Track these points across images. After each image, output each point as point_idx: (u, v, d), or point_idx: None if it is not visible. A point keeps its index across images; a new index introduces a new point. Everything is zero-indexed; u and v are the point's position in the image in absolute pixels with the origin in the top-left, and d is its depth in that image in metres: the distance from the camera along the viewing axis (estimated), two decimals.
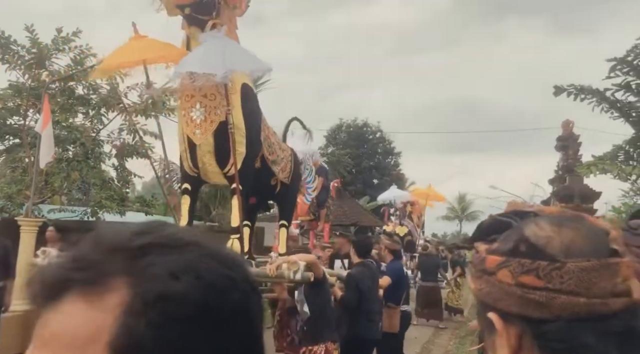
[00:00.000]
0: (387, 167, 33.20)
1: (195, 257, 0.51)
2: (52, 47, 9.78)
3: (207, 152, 4.79)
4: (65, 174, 9.49)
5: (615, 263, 0.69)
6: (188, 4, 4.44)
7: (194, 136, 4.75)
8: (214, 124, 4.70)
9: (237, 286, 0.52)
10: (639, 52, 10.37)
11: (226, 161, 4.81)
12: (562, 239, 0.71)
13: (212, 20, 4.61)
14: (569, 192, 13.27)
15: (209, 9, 4.59)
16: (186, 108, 4.78)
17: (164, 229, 0.54)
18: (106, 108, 10.40)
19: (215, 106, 4.72)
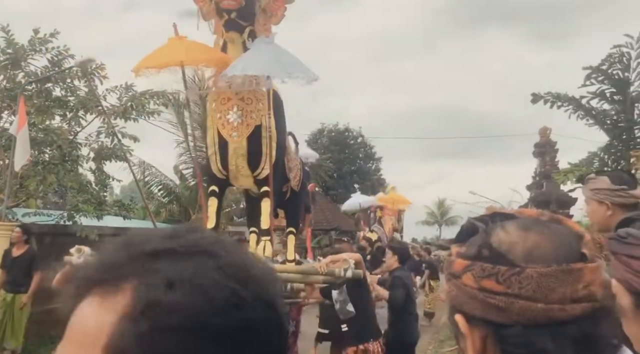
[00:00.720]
0: (368, 172, 33.34)
1: (201, 268, 0.49)
2: (28, 48, 9.62)
3: (240, 156, 4.85)
4: (41, 177, 9.31)
5: (578, 269, 0.69)
6: (235, 9, 4.55)
7: (231, 138, 4.82)
8: (250, 127, 4.78)
9: (244, 302, 0.48)
10: (613, 61, 10.61)
11: (257, 165, 4.89)
12: (525, 244, 0.71)
13: (249, 27, 4.74)
14: (546, 198, 13.48)
15: (250, 15, 4.74)
16: (222, 111, 4.84)
17: (189, 235, 0.53)
18: (84, 110, 10.24)
19: (251, 110, 4.80)
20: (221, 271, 0.49)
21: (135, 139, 10.69)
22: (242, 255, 0.53)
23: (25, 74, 9.84)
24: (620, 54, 10.51)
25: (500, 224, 0.75)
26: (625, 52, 10.53)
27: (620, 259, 1.00)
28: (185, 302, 0.46)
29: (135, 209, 13.96)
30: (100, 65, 10.11)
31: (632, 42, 10.40)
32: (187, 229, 0.54)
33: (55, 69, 9.96)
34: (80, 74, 9.93)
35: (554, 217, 0.78)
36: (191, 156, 16.70)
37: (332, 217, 21.08)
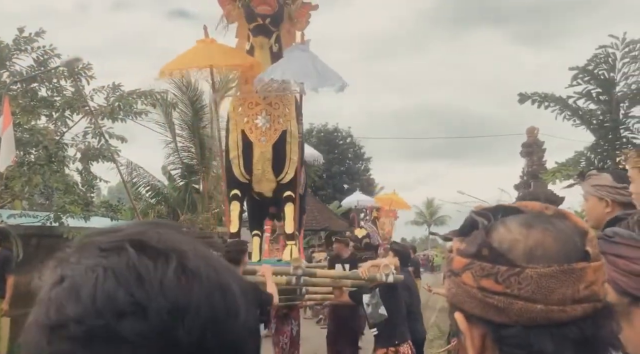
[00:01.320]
0: (357, 173, 33.38)
1: (96, 266, 0.45)
2: (13, 47, 9.50)
3: (266, 160, 4.91)
4: (27, 178, 9.19)
5: (580, 269, 0.68)
6: (270, 15, 4.65)
7: (260, 143, 4.87)
8: (277, 132, 4.86)
9: (142, 311, 0.43)
10: (598, 62, 10.70)
11: (281, 169, 4.95)
12: (527, 243, 0.70)
13: (276, 32, 4.84)
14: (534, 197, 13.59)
15: (279, 21, 4.85)
16: (250, 115, 4.88)
17: (131, 228, 0.50)
18: (71, 111, 10.14)
19: (278, 115, 4.87)
20: (115, 273, 0.44)
21: (122, 139, 10.60)
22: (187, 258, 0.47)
23: (10, 74, 9.72)
24: (605, 55, 10.61)
25: (501, 221, 0.74)
26: (611, 52, 10.63)
27: (608, 259, 1.00)
28: (56, 299, 0.44)
29: (123, 210, 13.84)
30: (87, 65, 10.01)
31: (617, 43, 10.51)
32: (138, 224, 0.52)
33: (40, 68, 9.84)
34: (66, 73, 9.83)
35: (558, 212, 0.76)
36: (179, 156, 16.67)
37: (321, 218, 21.07)
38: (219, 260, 0.50)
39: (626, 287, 0.97)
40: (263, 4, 4.61)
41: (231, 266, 0.52)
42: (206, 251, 0.50)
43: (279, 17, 4.82)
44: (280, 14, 4.81)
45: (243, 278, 0.52)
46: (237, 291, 0.49)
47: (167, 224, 0.52)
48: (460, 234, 0.76)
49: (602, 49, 10.67)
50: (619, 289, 0.98)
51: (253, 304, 0.51)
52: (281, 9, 4.79)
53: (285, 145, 4.89)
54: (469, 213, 0.78)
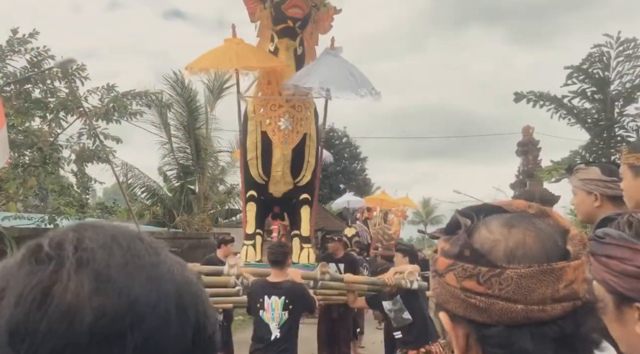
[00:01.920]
0: (353, 172, 33.39)
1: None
2: (6, 49, 9.46)
3: (286, 162, 4.92)
4: (21, 180, 9.15)
5: (560, 268, 0.69)
6: (300, 18, 4.70)
7: (282, 145, 4.89)
8: (299, 135, 4.90)
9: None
10: (593, 61, 10.75)
11: (299, 172, 4.98)
12: (508, 243, 0.71)
13: (300, 35, 4.87)
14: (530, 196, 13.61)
15: (306, 24, 4.90)
16: (273, 117, 4.88)
17: (61, 229, 0.47)
18: (65, 112, 10.10)
19: (301, 118, 4.91)
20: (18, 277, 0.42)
21: (117, 140, 10.57)
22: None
23: (3, 75, 9.67)
24: (600, 54, 10.66)
25: (483, 221, 0.75)
26: (605, 51, 10.68)
27: (599, 260, 1.00)
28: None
29: (118, 211, 13.81)
30: (81, 66, 9.98)
31: (611, 42, 10.56)
32: (67, 227, 0.48)
33: (34, 70, 9.80)
34: (60, 75, 9.80)
35: (541, 210, 0.77)
36: (175, 157, 16.63)
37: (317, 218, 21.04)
38: (133, 271, 0.44)
39: (618, 287, 0.98)
40: (295, 7, 4.63)
41: (163, 272, 0.45)
42: (119, 259, 0.44)
43: (307, 20, 4.87)
44: (309, 17, 4.87)
45: (183, 287, 0.46)
46: (141, 306, 0.42)
47: (95, 225, 0.47)
48: (446, 233, 0.77)
49: (596, 48, 10.71)
50: (611, 290, 0.99)
51: (179, 316, 0.44)
52: (309, 13, 4.85)
53: (305, 148, 4.93)
54: (454, 213, 0.79)
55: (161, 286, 0.44)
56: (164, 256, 0.47)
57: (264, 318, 4.21)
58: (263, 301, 4.20)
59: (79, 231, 0.45)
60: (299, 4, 4.64)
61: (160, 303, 0.43)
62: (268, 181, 5.02)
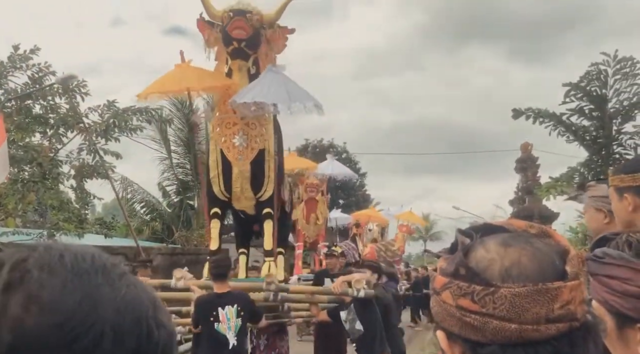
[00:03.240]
0: (352, 188, 33.38)
1: None
2: (8, 65, 9.52)
3: (244, 178, 5.06)
4: (21, 196, 9.14)
5: (555, 288, 0.69)
6: (244, 39, 4.85)
7: (237, 162, 5.04)
8: (254, 151, 5.03)
9: None
10: (591, 78, 10.80)
11: (260, 187, 5.09)
12: (503, 262, 0.71)
13: (254, 55, 5.03)
14: (529, 213, 13.60)
15: (256, 44, 5.04)
16: (227, 135, 5.07)
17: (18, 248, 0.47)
18: (65, 128, 10.13)
19: (255, 135, 5.05)
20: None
21: (117, 155, 10.59)
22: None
23: (4, 91, 9.72)
24: (597, 72, 10.72)
25: (481, 240, 0.75)
26: (603, 69, 10.74)
27: (600, 280, 1.00)
28: None
29: (117, 226, 13.77)
30: (82, 82, 10.04)
31: (608, 60, 10.62)
32: (27, 245, 0.48)
33: (35, 86, 9.85)
34: (61, 91, 9.85)
35: (542, 230, 0.77)
36: (174, 172, 16.64)
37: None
38: (89, 290, 0.44)
39: (620, 308, 0.97)
40: (238, 29, 4.80)
41: (104, 292, 0.45)
42: (72, 278, 0.44)
43: (255, 40, 4.99)
44: (256, 37, 4.98)
45: (125, 310, 0.45)
46: (83, 323, 0.42)
47: (51, 246, 0.47)
48: (449, 252, 0.77)
49: (594, 66, 10.78)
50: (612, 310, 0.98)
51: (116, 339, 0.43)
52: (257, 33, 4.95)
53: (264, 163, 5.03)
54: (456, 232, 0.79)
55: (99, 307, 0.43)
56: (114, 276, 0.47)
57: (219, 329, 4.28)
58: (217, 313, 4.27)
59: (29, 250, 0.46)
60: (241, 26, 4.79)
61: (96, 325, 0.43)
62: (230, 197, 5.15)
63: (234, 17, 4.73)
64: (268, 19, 5.01)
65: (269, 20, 5.01)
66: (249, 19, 4.77)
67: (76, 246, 0.48)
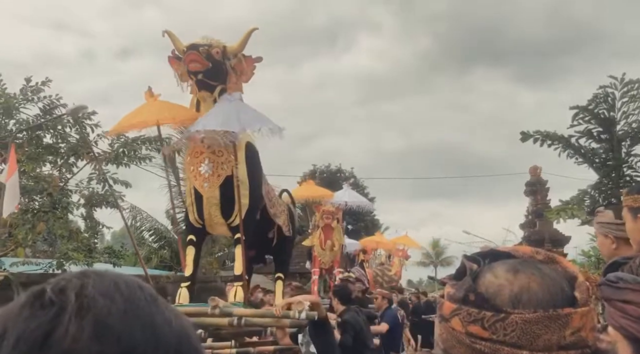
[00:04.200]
0: (361, 213, 33.26)
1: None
2: (20, 97, 9.70)
3: (213, 205, 5.15)
4: (31, 226, 9.20)
5: (566, 314, 0.68)
6: (201, 71, 4.96)
7: (203, 189, 5.16)
8: (221, 178, 5.11)
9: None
10: (599, 101, 10.82)
11: (230, 213, 5.17)
12: (512, 288, 0.70)
13: (220, 86, 5.11)
14: (540, 236, 13.47)
15: (218, 75, 5.11)
16: (195, 164, 5.21)
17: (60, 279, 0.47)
18: (75, 157, 10.25)
19: (222, 162, 5.16)
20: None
21: (126, 184, 10.66)
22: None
23: (16, 122, 9.88)
24: (605, 95, 10.74)
25: (489, 266, 0.74)
26: (610, 92, 10.77)
27: (615, 305, 0.98)
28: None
29: (126, 255, 13.77)
30: (92, 112, 10.19)
31: (616, 83, 10.66)
32: (75, 273, 0.48)
33: (46, 116, 10.01)
34: (71, 121, 10.00)
35: (549, 256, 0.76)
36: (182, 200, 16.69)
37: None
38: (132, 319, 0.44)
39: (637, 333, 0.95)
40: (192, 62, 4.93)
41: (161, 321, 0.46)
42: (119, 306, 0.44)
43: (217, 71, 5.09)
44: (217, 68, 5.07)
45: (181, 337, 0.46)
46: (147, 350, 0.43)
47: (98, 273, 0.48)
48: (454, 279, 0.76)
49: (601, 89, 10.81)
50: (628, 336, 0.96)
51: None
52: (217, 64, 5.06)
53: (233, 190, 5.10)
54: (462, 258, 0.78)
55: (160, 335, 0.44)
56: (162, 305, 0.48)
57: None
58: None
59: (82, 278, 0.46)
60: (194, 59, 4.92)
61: (159, 352, 0.43)
62: (204, 224, 5.28)
63: (187, 52, 4.89)
64: (231, 51, 5.16)
65: (232, 51, 5.16)
66: (202, 52, 4.90)
67: (120, 274, 0.49)
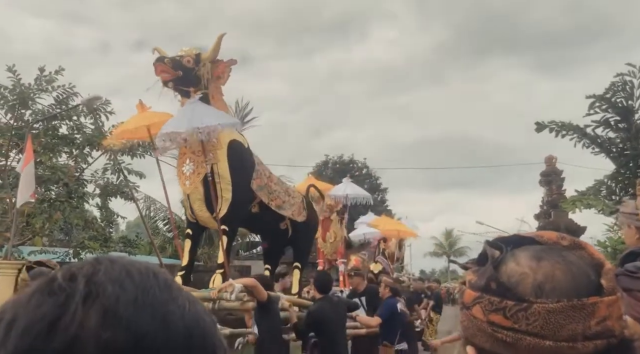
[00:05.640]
0: (374, 204, 33.24)
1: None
2: (34, 87, 9.77)
3: (197, 200, 5.52)
4: (47, 215, 9.33)
5: (591, 304, 0.66)
6: (170, 80, 5.36)
7: (185, 187, 5.53)
8: (200, 175, 5.46)
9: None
10: (616, 90, 10.65)
11: (215, 206, 5.48)
12: (536, 277, 0.69)
13: (194, 90, 5.47)
14: (555, 227, 13.33)
15: (190, 81, 5.45)
16: (180, 164, 5.61)
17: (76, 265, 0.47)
18: (90, 147, 10.34)
19: (202, 161, 5.48)
20: (7, 310, 0.43)
21: (141, 175, 10.74)
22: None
23: (32, 113, 9.97)
24: (623, 83, 10.57)
25: (512, 253, 0.72)
26: (628, 80, 10.59)
27: (635, 296, 0.97)
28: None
29: (141, 245, 13.91)
30: (106, 101, 10.26)
31: (634, 71, 10.48)
32: (89, 259, 0.47)
33: (61, 106, 10.09)
34: (86, 111, 10.07)
35: (574, 242, 0.74)
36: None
37: None
38: (142, 307, 0.43)
39: None
40: (161, 72, 5.32)
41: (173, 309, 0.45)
42: (130, 294, 0.43)
43: (189, 79, 5.44)
44: (188, 76, 5.43)
45: (192, 327, 0.46)
46: (148, 341, 0.42)
47: (111, 260, 0.47)
48: (477, 264, 0.75)
49: (619, 77, 10.63)
50: None
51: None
52: (188, 71, 5.42)
53: (215, 185, 5.47)
54: (484, 243, 0.77)
55: (170, 323, 0.43)
56: (176, 292, 0.47)
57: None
58: None
59: (95, 264, 0.46)
60: (163, 70, 5.30)
61: (169, 342, 0.43)
62: (196, 218, 5.69)
63: (155, 64, 5.28)
64: (205, 57, 5.52)
65: (206, 58, 5.52)
66: (168, 63, 5.29)
67: (134, 261, 0.48)
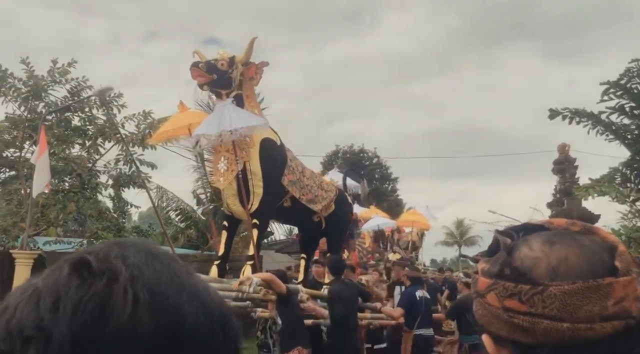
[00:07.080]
0: (384, 193, 33.17)
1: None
2: (48, 79, 9.84)
3: (231, 195, 5.85)
4: (62, 206, 9.43)
5: (607, 284, 0.65)
6: (205, 83, 5.60)
7: (219, 183, 5.81)
8: (234, 172, 5.76)
9: (44, 338, 0.40)
10: (632, 76, 10.49)
11: (248, 201, 5.79)
12: (549, 260, 0.68)
13: (225, 92, 5.72)
14: (568, 215, 13.22)
15: (225, 83, 5.68)
16: (215, 161, 5.97)
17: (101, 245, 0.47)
18: (103, 138, 10.41)
19: (234, 159, 5.79)
20: (40, 294, 0.42)
21: (153, 166, 10.81)
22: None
23: (45, 104, 10.05)
24: (638, 68, 10.41)
25: (524, 239, 0.72)
26: None
27: None
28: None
29: (154, 235, 14.04)
30: (118, 93, 10.31)
31: None
32: (106, 243, 0.47)
33: (74, 98, 10.16)
34: (98, 102, 10.13)
35: (586, 227, 0.74)
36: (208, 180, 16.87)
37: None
38: (180, 288, 0.44)
39: None
40: (197, 76, 5.53)
41: (203, 292, 0.46)
42: (166, 276, 0.44)
43: (223, 81, 5.66)
44: (222, 79, 5.65)
45: (224, 309, 0.47)
46: (191, 321, 0.43)
47: (134, 243, 0.47)
48: (488, 255, 0.75)
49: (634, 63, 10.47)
50: None
51: (224, 335, 0.45)
52: (222, 74, 5.64)
53: (247, 182, 5.75)
54: (494, 233, 0.77)
55: (206, 305, 0.45)
56: (196, 276, 0.48)
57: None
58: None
59: (121, 247, 0.46)
60: (198, 74, 5.50)
61: (207, 322, 0.44)
62: (232, 212, 5.98)
63: (190, 69, 5.51)
64: (239, 60, 5.76)
65: (239, 60, 5.76)
66: (202, 67, 5.50)
67: (155, 246, 0.49)
